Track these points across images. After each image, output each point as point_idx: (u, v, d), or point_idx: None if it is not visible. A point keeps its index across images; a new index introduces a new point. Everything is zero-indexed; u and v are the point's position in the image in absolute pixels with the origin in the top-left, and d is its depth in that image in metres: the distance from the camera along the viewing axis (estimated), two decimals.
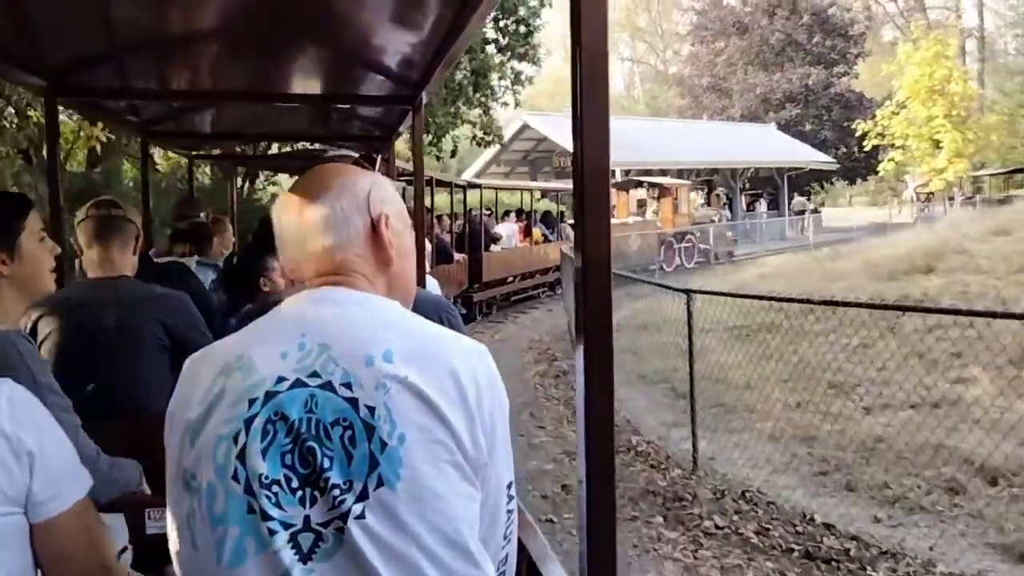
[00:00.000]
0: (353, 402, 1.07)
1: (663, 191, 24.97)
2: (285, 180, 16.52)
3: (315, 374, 1.09)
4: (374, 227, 1.23)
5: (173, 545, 1.17)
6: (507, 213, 19.37)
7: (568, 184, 23.85)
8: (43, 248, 1.83)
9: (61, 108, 4.59)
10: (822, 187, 45.47)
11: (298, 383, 1.09)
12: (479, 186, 17.49)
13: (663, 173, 27.77)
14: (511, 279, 16.56)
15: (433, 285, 3.86)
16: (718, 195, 31.76)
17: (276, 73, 4.12)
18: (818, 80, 45.99)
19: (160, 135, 5.81)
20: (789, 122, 44.43)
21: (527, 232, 18.41)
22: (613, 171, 24.61)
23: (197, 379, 1.14)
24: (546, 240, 18.74)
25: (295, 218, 1.21)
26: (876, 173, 42.60)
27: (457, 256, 14.01)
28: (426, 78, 3.67)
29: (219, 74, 4.21)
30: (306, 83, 4.37)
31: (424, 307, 2.14)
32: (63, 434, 1.24)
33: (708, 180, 34.45)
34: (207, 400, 1.11)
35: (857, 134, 38.14)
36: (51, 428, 1.22)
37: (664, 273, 21.33)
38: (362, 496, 1.05)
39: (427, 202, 11.44)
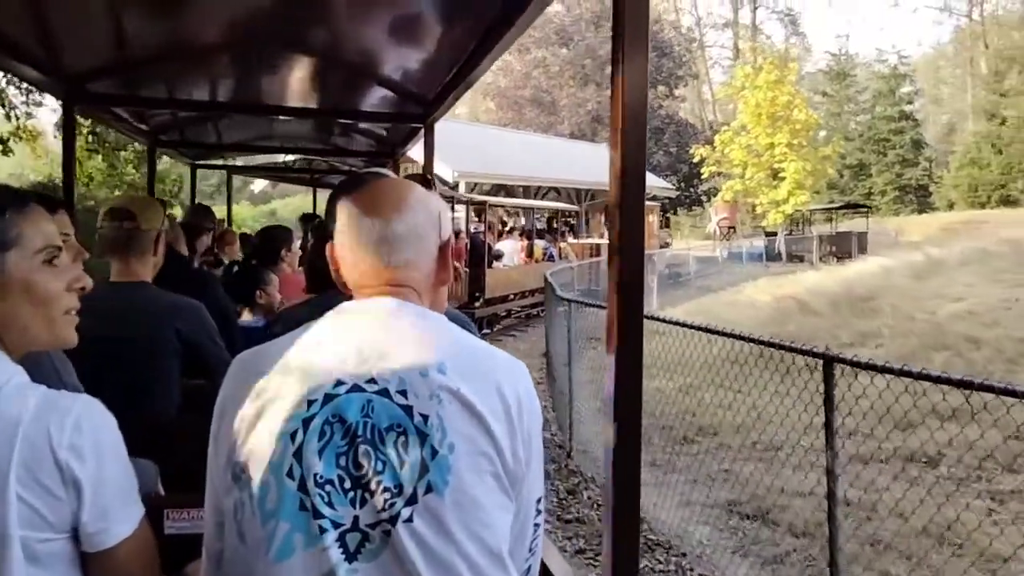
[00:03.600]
0: (408, 409, 1.11)
1: None
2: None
3: (372, 380, 1.12)
4: (442, 248, 1.29)
5: (211, 539, 1.18)
6: (510, 230, 19.35)
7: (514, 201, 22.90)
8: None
9: None
10: None
11: (356, 388, 1.12)
12: (484, 203, 17.50)
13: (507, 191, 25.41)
14: (513, 296, 16.56)
15: None
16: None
17: (279, 86, 4.18)
18: (651, 100, 43.67)
19: (167, 143, 5.98)
20: None
21: (530, 251, 18.42)
22: (456, 184, 21.04)
23: (251, 376, 1.16)
24: (548, 258, 18.72)
25: (378, 228, 1.23)
26: (701, 204, 39.13)
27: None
28: (440, 99, 3.70)
29: (224, 86, 4.30)
30: (310, 96, 4.44)
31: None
32: (125, 465, 1.21)
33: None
34: (263, 398, 1.13)
35: (694, 160, 35.14)
36: (113, 458, 1.18)
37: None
38: (411, 500, 1.08)
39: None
